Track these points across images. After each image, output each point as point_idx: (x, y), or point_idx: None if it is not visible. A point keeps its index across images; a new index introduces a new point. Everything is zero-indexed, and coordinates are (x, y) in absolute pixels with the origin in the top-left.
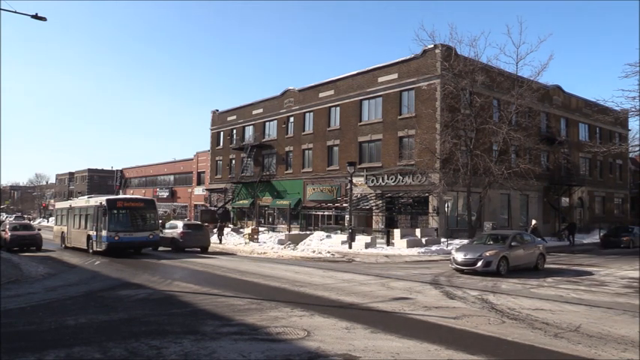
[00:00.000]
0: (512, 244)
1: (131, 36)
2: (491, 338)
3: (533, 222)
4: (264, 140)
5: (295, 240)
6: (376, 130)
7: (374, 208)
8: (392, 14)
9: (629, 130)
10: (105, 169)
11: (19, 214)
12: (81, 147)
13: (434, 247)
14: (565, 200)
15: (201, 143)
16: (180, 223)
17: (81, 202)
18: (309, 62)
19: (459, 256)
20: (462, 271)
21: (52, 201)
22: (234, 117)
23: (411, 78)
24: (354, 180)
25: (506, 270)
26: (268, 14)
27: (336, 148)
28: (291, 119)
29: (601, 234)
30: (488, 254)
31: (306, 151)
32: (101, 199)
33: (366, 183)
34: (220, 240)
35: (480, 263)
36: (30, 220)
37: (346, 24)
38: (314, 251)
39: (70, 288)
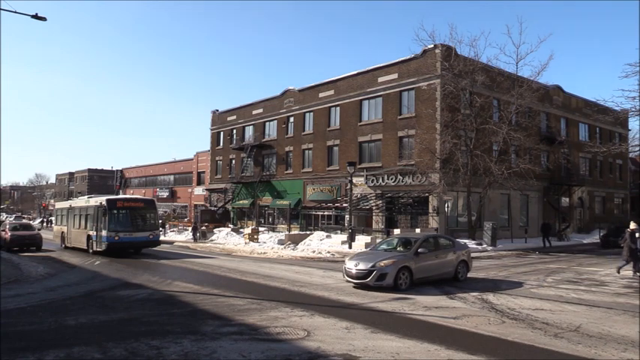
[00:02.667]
0: (420, 250)
1: (131, 36)
2: (491, 338)
3: (632, 225)
4: (264, 140)
5: (295, 240)
6: (376, 130)
7: (374, 208)
8: (392, 14)
9: (629, 130)
10: (105, 169)
11: (19, 214)
12: (81, 147)
13: None
14: (565, 200)
15: (201, 143)
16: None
17: (81, 202)
18: (309, 62)
19: (351, 267)
20: (355, 286)
21: (52, 201)
22: (234, 117)
23: (411, 78)
24: (354, 180)
25: (409, 283)
26: (268, 14)
27: (336, 148)
28: (291, 119)
29: (601, 234)
30: (382, 264)
31: (306, 151)
32: (101, 199)
33: (366, 183)
34: (195, 239)
35: (372, 276)
36: (32, 220)
37: (346, 24)
38: (314, 251)
39: (70, 288)
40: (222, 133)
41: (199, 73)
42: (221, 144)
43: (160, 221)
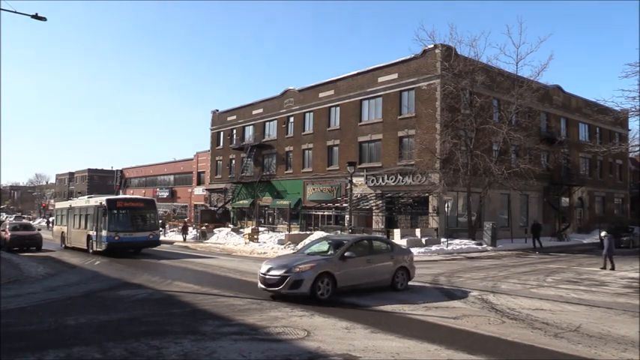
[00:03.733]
0: (347, 254)
1: (131, 36)
2: (491, 338)
3: (603, 233)
4: (264, 140)
5: (295, 240)
6: (376, 130)
7: (374, 208)
8: (392, 14)
9: (629, 130)
10: (105, 169)
11: (19, 214)
12: (81, 147)
13: (434, 247)
14: (565, 200)
15: (201, 143)
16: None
17: (81, 202)
18: (309, 62)
19: (264, 272)
20: (273, 295)
21: (52, 201)
22: (234, 117)
23: (411, 78)
24: (354, 180)
25: (332, 292)
26: (268, 14)
27: (336, 148)
28: (291, 119)
29: (601, 234)
30: (298, 269)
31: (306, 151)
32: (101, 199)
33: (366, 183)
34: (184, 238)
35: (285, 283)
36: (32, 220)
37: (346, 24)
38: None
39: (70, 288)
40: (222, 133)
41: (199, 73)
42: (221, 144)
43: (160, 221)
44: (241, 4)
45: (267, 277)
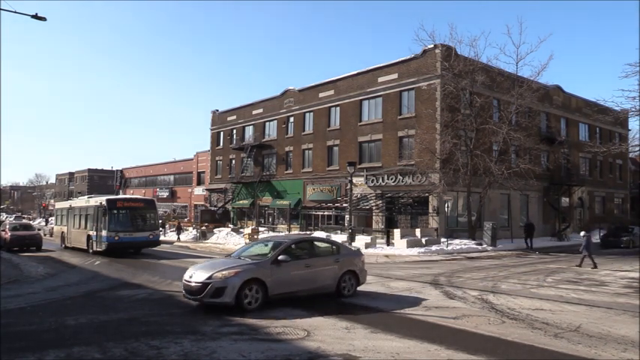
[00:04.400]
0: (281, 258)
1: (131, 36)
2: (491, 338)
3: (582, 233)
4: (264, 140)
5: None
6: (376, 130)
7: (374, 208)
8: (392, 14)
9: (629, 130)
10: (105, 169)
11: (19, 214)
12: (81, 147)
13: (434, 247)
14: (565, 200)
15: (201, 143)
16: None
17: (81, 202)
18: (309, 62)
19: (186, 278)
20: (198, 305)
21: (52, 201)
22: (234, 117)
23: (411, 78)
24: (354, 180)
25: (263, 301)
26: (268, 14)
27: (336, 148)
28: (291, 119)
29: (601, 234)
30: (221, 275)
31: (306, 151)
32: (101, 199)
33: (366, 183)
34: (179, 238)
35: (206, 291)
36: (33, 220)
37: (346, 24)
38: None
39: (70, 288)
40: (222, 133)
41: (199, 73)
42: (221, 144)
43: (160, 221)
44: (241, 3)
45: (190, 283)
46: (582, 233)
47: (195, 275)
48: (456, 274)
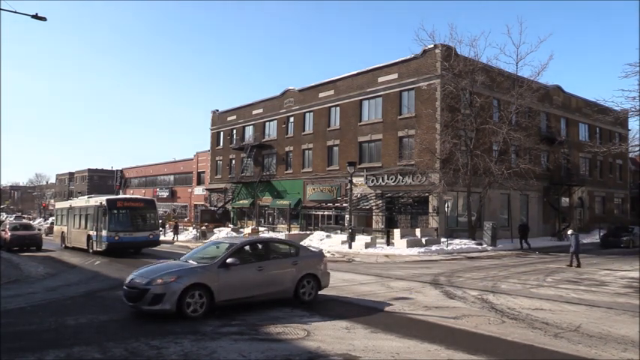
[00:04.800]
0: (230, 261)
1: (131, 36)
2: (491, 338)
3: (570, 231)
4: (264, 140)
5: (295, 240)
6: (376, 130)
7: (374, 208)
8: (392, 14)
9: (629, 130)
10: (105, 169)
11: (19, 214)
12: (81, 147)
13: (434, 247)
14: (565, 200)
15: (201, 143)
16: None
17: (81, 202)
18: (309, 62)
19: (128, 282)
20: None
21: (52, 201)
22: (234, 117)
23: (411, 78)
24: (354, 180)
25: (208, 308)
26: (268, 14)
27: (336, 148)
28: (291, 119)
29: (601, 234)
30: (160, 280)
31: (306, 151)
32: (101, 199)
33: (366, 183)
34: (177, 237)
35: (145, 297)
36: (33, 220)
37: (346, 24)
38: None
39: (70, 288)
40: (222, 133)
41: (199, 73)
42: (221, 144)
43: (160, 221)
44: (242, 3)
45: (129, 289)
46: (570, 232)
47: (135, 280)
48: (455, 274)
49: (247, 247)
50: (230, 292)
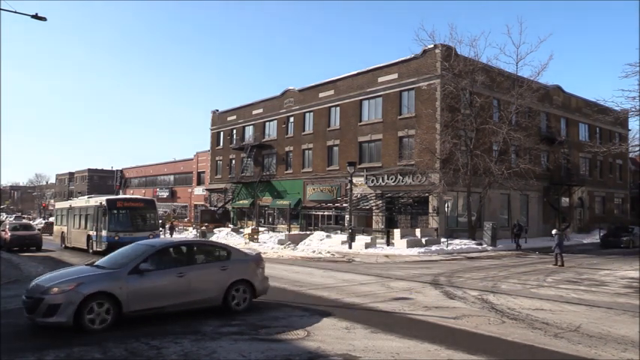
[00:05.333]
0: (144, 266)
1: (131, 36)
2: (491, 338)
3: (554, 231)
4: (264, 140)
5: (295, 240)
6: (376, 130)
7: (374, 208)
8: (392, 14)
9: (629, 130)
10: (105, 169)
11: (19, 214)
12: (81, 147)
13: (434, 247)
14: (565, 200)
15: (201, 143)
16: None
17: (81, 202)
18: (309, 62)
19: (28, 289)
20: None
21: (52, 201)
22: (234, 117)
23: (411, 78)
24: (354, 180)
25: (114, 320)
26: (268, 14)
27: (336, 148)
28: (291, 119)
29: (601, 234)
30: (57, 289)
31: (306, 151)
32: (101, 199)
33: (366, 183)
34: (172, 236)
35: (39, 308)
36: (33, 220)
37: (346, 24)
38: (314, 251)
39: None
40: (222, 133)
41: (199, 73)
42: (221, 144)
43: (160, 221)
44: (242, 3)
45: (26, 298)
46: (554, 232)
47: (34, 287)
48: (456, 274)
49: (168, 251)
50: (142, 301)
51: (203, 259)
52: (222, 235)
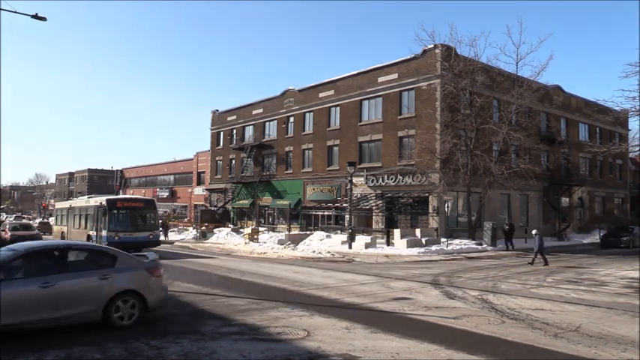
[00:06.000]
0: None
1: (131, 36)
2: (491, 338)
3: (534, 231)
4: (264, 140)
5: (295, 240)
6: (376, 130)
7: (374, 208)
8: (392, 14)
9: (629, 130)
10: (105, 169)
11: (19, 214)
12: (81, 147)
13: (434, 247)
14: (565, 200)
15: (201, 143)
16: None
17: (81, 202)
18: (309, 62)
19: None
20: None
21: (52, 201)
22: (234, 117)
23: (411, 78)
24: (354, 180)
25: None
26: (268, 14)
27: (336, 148)
28: (291, 119)
29: (601, 234)
30: None
31: (306, 151)
32: (101, 199)
33: (366, 183)
34: (166, 236)
35: None
36: (33, 220)
37: (346, 24)
38: (314, 251)
39: None
40: (222, 133)
41: (199, 73)
42: (221, 144)
43: (160, 221)
44: (241, 3)
45: None
46: (534, 232)
47: None
48: (456, 274)
49: (35, 256)
50: None
51: (80, 265)
52: (222, 235)
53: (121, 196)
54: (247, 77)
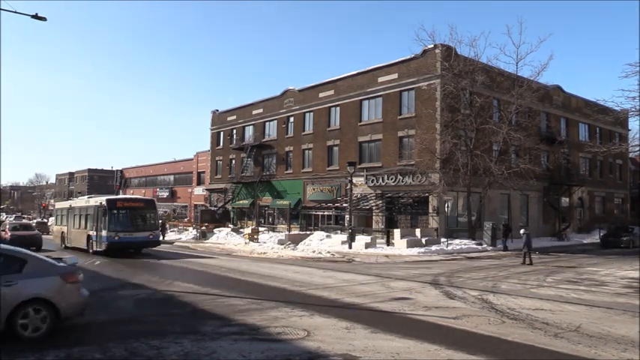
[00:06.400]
0: None
1: (131, 36)
2: (491, 338)
3: (522, 231)
4: (264, 140)
5: (295, 240)
6: (376, 130)
7: (374, 208)
8: (392, 14)
9: (629, 130)
10: (105, 169)
11: (19, 214)
12: (81, 147)
13: (434, 247)
14: (565, 200)
15: (201, 143)
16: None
17: (81, 202)
18: (309, 62)
19: None
20: None
21: (52, 201)
22: (234, 117)
23: (411, 78)
24: (354, 180)
25: None
26: (268, 14)
27: (336, 148)
28: (291, 119)
29: (601, 234)
30: None
31: (306, 151)
32: (101, 199)
33: (366, 183)
34: (164, 236)
35: None
36: (33, 220)
37: (346, 24)
38: (314, 251)
39: None
40: (222, 133)
41: (199, 73)
42: (221, 144)
43: (160, 221)
44: (241, 3)
45: None
46: (522, 231)
47: None
48: (455, 274)
49: None
50: None
51: None
52: (222, 235)
53: (121, 196)
54: (247, 77)
